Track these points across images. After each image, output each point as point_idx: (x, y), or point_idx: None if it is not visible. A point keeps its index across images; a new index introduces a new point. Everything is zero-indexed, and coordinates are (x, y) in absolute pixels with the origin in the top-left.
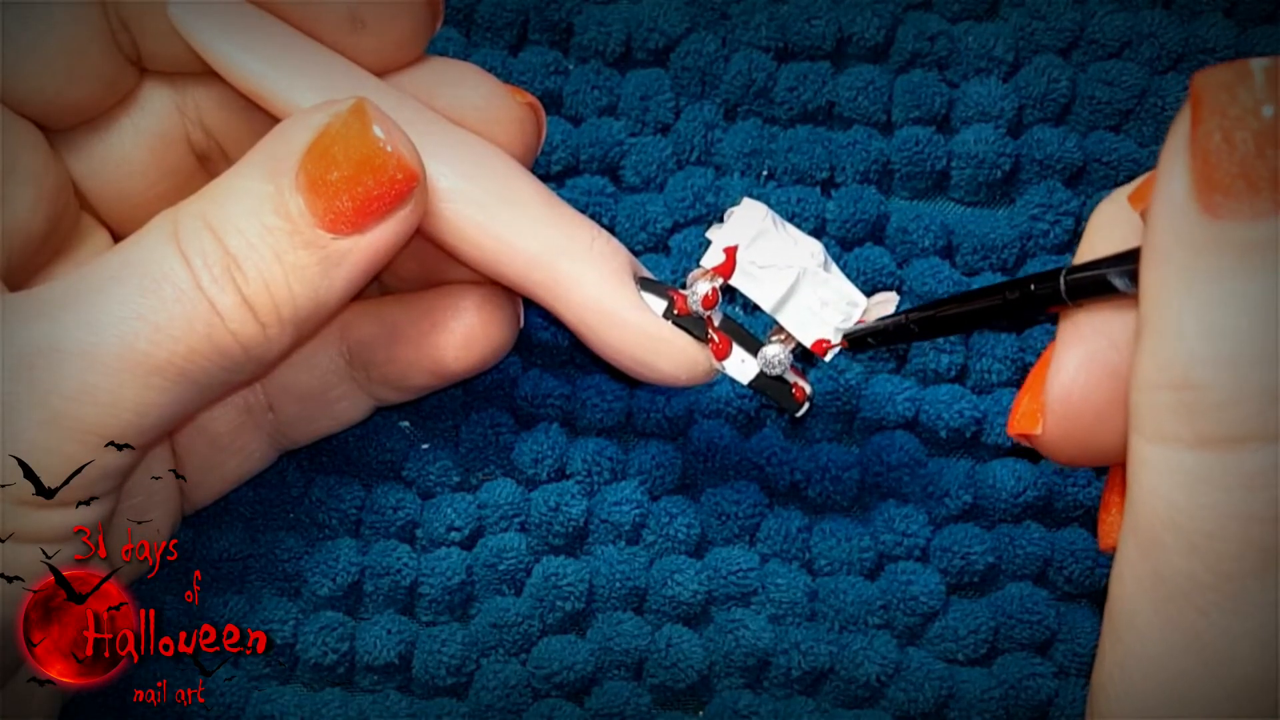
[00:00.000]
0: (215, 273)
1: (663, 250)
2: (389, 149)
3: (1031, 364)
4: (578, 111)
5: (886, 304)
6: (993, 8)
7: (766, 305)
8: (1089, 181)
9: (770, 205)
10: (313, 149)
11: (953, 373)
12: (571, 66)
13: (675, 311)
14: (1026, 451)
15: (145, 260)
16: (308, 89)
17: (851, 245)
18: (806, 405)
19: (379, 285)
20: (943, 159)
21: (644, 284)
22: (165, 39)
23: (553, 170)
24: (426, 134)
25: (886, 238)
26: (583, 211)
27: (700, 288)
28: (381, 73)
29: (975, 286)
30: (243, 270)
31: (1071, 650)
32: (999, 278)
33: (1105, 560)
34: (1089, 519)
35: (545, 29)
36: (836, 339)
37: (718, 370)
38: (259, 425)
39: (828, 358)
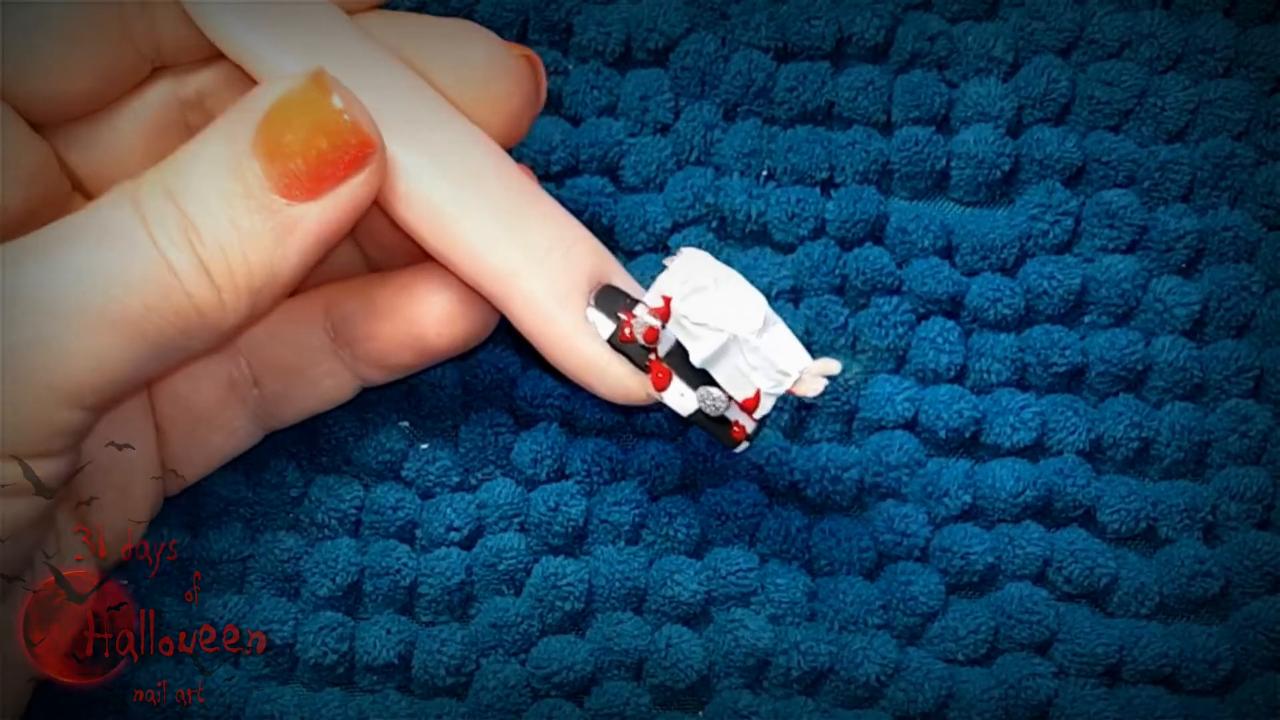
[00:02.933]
0: (173, 235)
1: (662, 250)
2: (346, 117)
3: (1031, 363)
4: (577, 111)
5: (820, 377)
6: (992, 8)
7: (696, 360)
8: (1089, 181)
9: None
10: (270, 114)
11: (952, 372)
12: (571, 66)
13: (622, 337)
14: (1026, 451)
15: (102, 219)
16: (298, 64)
17: (851, 245)
18: (745, 445)
19: (367, 262)
20: (942, 159)
21: (601, 298)
22: (185, 27)
23: (552, 170)
24: (411, 120)
25: (886, 238)
26: (582, 212)
27: (644, 320)
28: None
29: (974, 287)
30: (200, 234)
31: (1071, 650)
32: (999, 278)
33: (1105, 560)
34: (1089, 519)
35: (545, 29)
36: (768, 404)
37: (656, 398)
38: (244, 401)
39: (756, 415)
